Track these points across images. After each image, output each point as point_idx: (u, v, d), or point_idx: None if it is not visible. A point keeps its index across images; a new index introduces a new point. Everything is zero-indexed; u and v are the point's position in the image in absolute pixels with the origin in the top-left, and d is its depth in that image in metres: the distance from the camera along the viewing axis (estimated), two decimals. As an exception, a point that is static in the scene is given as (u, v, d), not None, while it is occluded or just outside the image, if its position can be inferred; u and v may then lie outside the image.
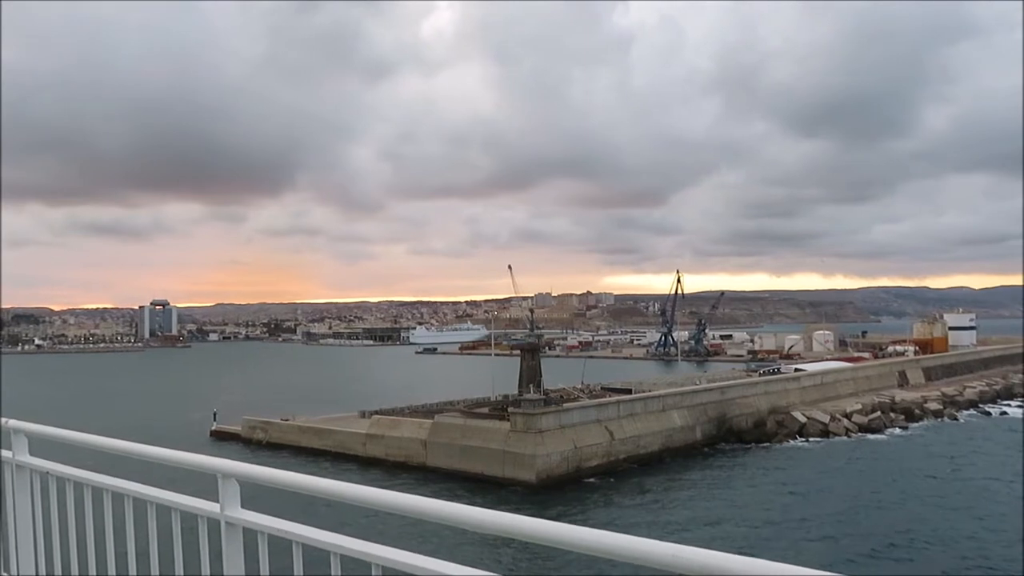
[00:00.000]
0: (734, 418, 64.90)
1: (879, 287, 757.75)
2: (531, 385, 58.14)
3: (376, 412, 72.33)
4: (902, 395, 77.17)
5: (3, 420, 4.87)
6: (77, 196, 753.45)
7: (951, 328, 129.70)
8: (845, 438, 63.85)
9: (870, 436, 64.70)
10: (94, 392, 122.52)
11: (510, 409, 54.04)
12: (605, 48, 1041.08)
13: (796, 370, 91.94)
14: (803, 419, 65.41)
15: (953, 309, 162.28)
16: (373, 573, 2.89)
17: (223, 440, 71.55)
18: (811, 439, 63.30)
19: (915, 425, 68.91)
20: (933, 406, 73.48)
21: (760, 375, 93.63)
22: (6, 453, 4.85)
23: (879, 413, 68.71)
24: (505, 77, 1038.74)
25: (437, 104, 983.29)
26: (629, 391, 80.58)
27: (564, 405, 55.34)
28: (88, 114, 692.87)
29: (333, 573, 3.03)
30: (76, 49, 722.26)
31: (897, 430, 66.62)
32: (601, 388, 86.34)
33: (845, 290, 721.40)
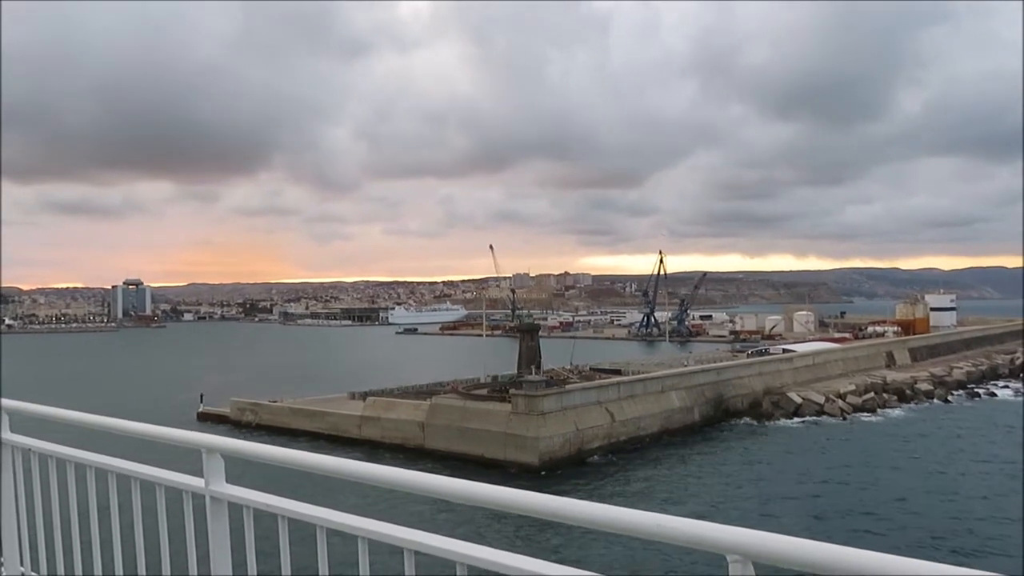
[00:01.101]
0: (730, 399, 64.81)
1: (851, 268, 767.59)
2: (533, 367, 57.34)
3: (365, 393, 71.39)
4: (893, 376, 77.61)
5: None
6: (45, 174, 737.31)
7: (932, 309, 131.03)
8: (840, 419, 63.83)
9: (864, 417, 64.79)
10: (73, 374, 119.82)
11: (511, 391, 53.25)
12: (582, 29, 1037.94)
13: (784, 351, 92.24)
14: (798, 400, 65.44)
15: (933, 290, 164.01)
16: (360, 546, 2.89)
17: (211, 422, 70.21)
18: (806, 419, 63.29)
19: (907, 406, 69.14)
20: (924, 387, 73.93)
21: (748, 356, 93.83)
22: None
23: (872, 394, 69.01)
24: (482, 56, 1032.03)
25: (413, 83, 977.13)
26: (619, 372, 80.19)
27: (566, 387, 54.59)
28: (56, 90, 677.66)
29: (319, 547, 3.04)
30: (44, 24, 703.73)
31: (894, 411, 66.77)
32: (590, 369, 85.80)
33: (818, 271, 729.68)
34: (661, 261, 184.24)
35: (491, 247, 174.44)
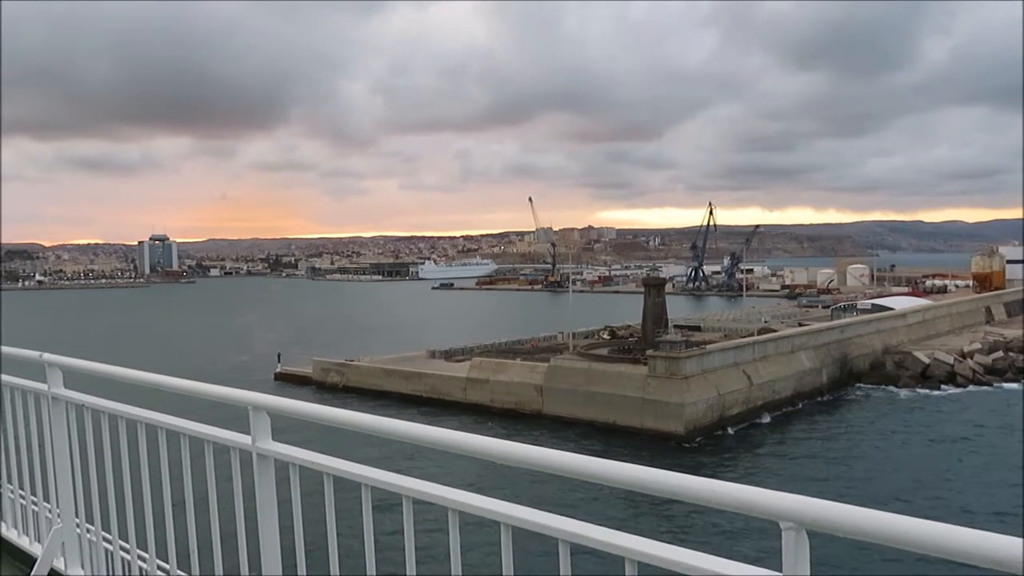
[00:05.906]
0: (854, 359, 60.49)
1: (873, 221, 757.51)
2: (670, 325, 52.97)
3: (447, 351, 67.82)
4: (1012, 333, 72.83)
5: (39, 354, 4.91)
6: (64, 130, 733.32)
7: (1008, 262, 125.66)
8: (983, 387, 58.20)
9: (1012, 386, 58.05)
10: (126, 331, 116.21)
11: (648, 352, 48.90)
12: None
13: (874, 306, 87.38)
14: (926, 359, 60.86)
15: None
16: (404, 505, 2.90)
17: (292, 384, 66.53)
18: (948, 386, 57.87)
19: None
20: (1049, 344, 68.95)
21: (832, 312, 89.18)
22: (42, 386, 4.93)
23: (1001, 353, 64.29)
24: (500, 7, 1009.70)
25: (431, 36, 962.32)
26: (698, 328, 76.01)
27: (706, 347, 50.20)
28: (75, 46, 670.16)
29: (364, 504, 3.08)
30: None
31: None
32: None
33: (839, 224, 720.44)
34: (711, 213, 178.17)
35: (530, 200, 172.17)
